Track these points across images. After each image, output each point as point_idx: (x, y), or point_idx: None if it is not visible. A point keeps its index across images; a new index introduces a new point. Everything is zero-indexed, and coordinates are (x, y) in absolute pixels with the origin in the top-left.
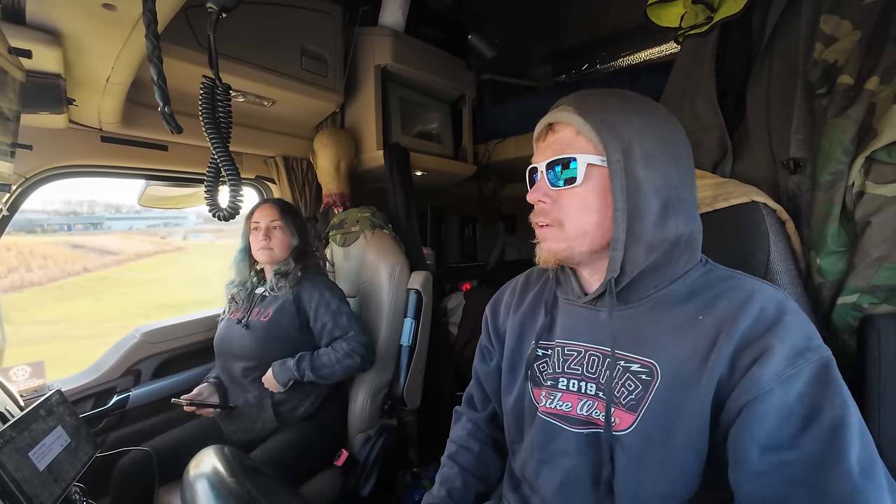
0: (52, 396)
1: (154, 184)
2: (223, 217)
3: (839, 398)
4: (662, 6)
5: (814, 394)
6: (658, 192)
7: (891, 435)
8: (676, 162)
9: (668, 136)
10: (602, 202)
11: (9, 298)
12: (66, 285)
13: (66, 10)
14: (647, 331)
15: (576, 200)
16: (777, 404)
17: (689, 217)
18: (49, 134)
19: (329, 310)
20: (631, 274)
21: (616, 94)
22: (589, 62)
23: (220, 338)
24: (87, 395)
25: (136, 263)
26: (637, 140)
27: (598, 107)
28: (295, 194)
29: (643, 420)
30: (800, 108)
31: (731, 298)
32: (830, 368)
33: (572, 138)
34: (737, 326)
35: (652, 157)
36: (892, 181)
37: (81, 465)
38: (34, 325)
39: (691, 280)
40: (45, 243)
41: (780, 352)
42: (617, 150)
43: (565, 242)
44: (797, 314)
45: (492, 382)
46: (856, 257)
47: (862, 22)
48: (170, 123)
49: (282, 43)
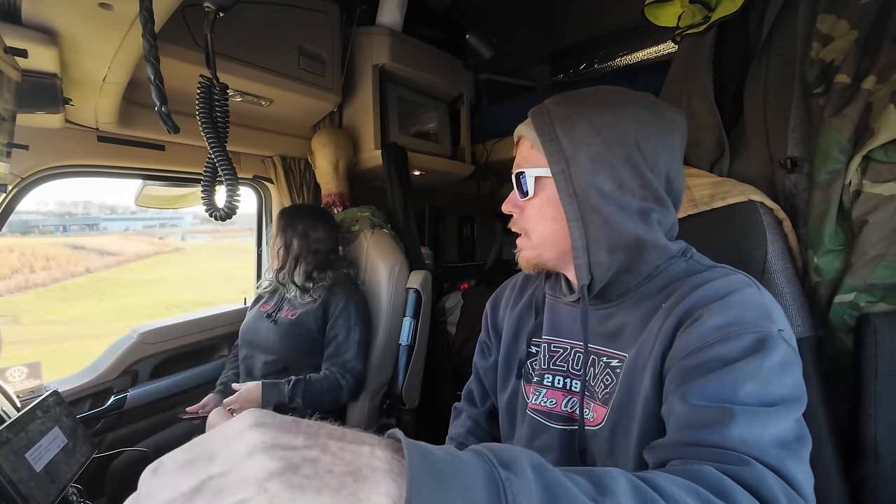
0: (49, 397)
1: (151, 184)
2: (220, 217)
3: (765, 365)
4: (660, 6)
5: (735, 356)
6: (608, 195)
7: (886, 432)
8: (632, 161)
9: (625, 136)
10: (556, 211)
11: (15, 299)
12: (69, 286)
13: (63, 9)
14: (624, 325)
15: (534, 211)
16: (697, 361)
17: (647, 220)
18: (45, 134)
19: (347, 325)
20: (602, 277)
21: (581, 97)
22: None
23: (247, 328)
24: (85, 396)
25: (136, 264)
26: (583, 146)
27: (550, 117)
28: (293, 194)
29: (611, 411)
30: (797, 108)
31: (692, 284)
32: (767, 343)
33: (528, 152)
34: (683, 303)
35: (600, 162)
36: (889, 180)
37: (79, 466)
38: (44, 325)
39: (670, 274)
40: (46, 244)
41: (710, 321)
42: (559, 162)
43: (534, 250)
44: (749, 297)
45: (490, 378)
46: (853, 256)
47: (859, 21)
48: (167, 123)
49: (279, 42)
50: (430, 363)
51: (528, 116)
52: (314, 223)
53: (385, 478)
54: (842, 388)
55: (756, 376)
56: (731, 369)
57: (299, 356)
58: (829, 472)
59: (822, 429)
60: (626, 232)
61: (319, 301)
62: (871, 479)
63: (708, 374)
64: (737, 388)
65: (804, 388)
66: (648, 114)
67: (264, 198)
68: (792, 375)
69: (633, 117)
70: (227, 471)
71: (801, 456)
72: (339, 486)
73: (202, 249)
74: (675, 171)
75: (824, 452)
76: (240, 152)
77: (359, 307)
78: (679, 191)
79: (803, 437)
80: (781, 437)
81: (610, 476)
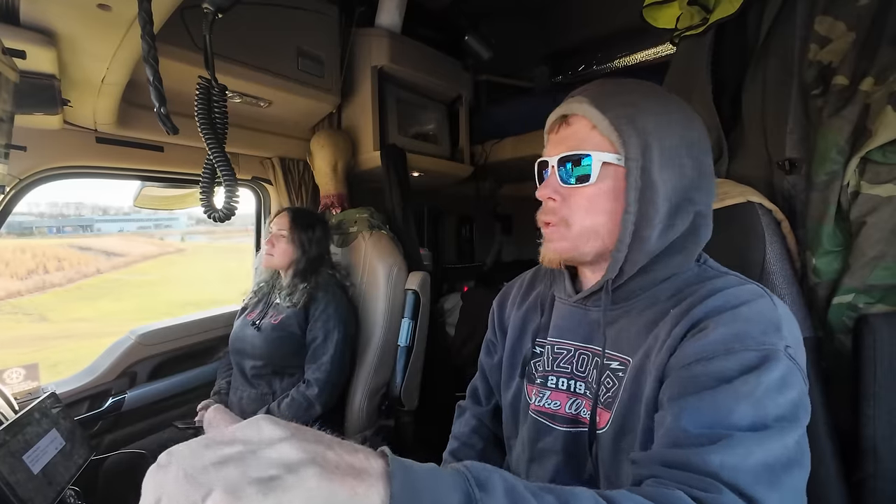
0: (47, 399)
1: (150, 185)
2: (218, 218)
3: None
4: (658, 7)
5: (732, 373)
6: (670, 195)
7: (885, 433)
8: (696, 163)
9: (690, 136)
10: (613, 203)
11: (36, 299)
12: (84, 286)
13: (61, 10)
14: (629, 329)
15: (586, 200)
16: (694, 373)
17: (694, 222)
18: (43, 135)
19: (325, 327)
20: (628, 274)
21: (638, 87)
22: (585, 63)
23: (235, 336)
24: (83, 398)
25: (142, 265)
26: (657, 139)
27: (618, 100)
28: (291, 195)
29: (616, 415)
30: (795, 109)
31: (703, 293)
32: (768, 361)
33: (587, 133)
34: (693, 312)
35: (671, 158)
36: (887, 181)
37: (76, 468)
38: (73, 322)
39: (681, 279)
40: (55, 245)
41: (715, 333)
42: (636, 149)
43: (570, 242)
44: (758, 310)
45: (495, 376)
46: (851, 257)
47: (856, 23)
48: (166, 124)
49: (278, 44)
50: (428, 364)
51: (583, 96)
52: (314, 225)
53: (378, 481)
54: (841, 390)
55: (750, 396)
56: (726, 388)
57: (284, 358)
58: (828, 473)
59: (821, 430)
60: (671, 236)
61: (301, 304)
62: (871, 481)
63: (703, 391)
64: (731, 410)
65: (807, 407)
66: (699, 123)
67: (263, 199)
68: (792, 394)
69: (697, 123)
70: (254, 451)
71: (780, 483)
72: (343, 480)
73: (203, 250)
74: (711, 180)
75: (824, 454)
76: (238, 153)
77: (339, 309)
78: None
79: (796, 460)
80: (769, 461)
81: (577, 496)
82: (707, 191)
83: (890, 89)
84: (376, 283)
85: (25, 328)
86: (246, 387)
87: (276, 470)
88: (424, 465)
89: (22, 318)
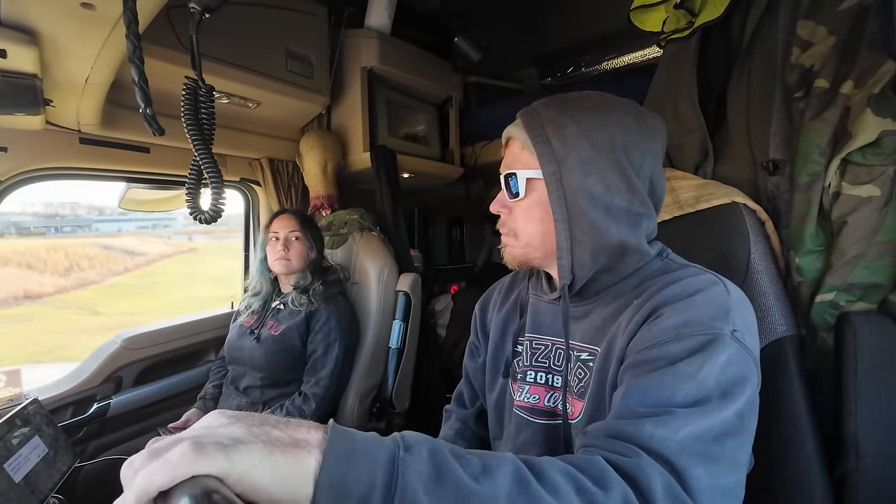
0: (29, 406)
1: (135, 187)
2: (205, 220)
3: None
4: (645, 11)
5: (679, 356)
6: (597, 199)
7: (867, 429)
8: (627, 166)
9: (613, 141)
10: (544, 213)
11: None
12: (117, 283)
13: (43, 9)
14: (597, 321)
15: (522, 212)
16: (646, 357)
17: (632, 224)
18: (25, 135)
19: (326, 340)
20: (583, 278)
21: (579, 101)
22: (574, 65)
23: (231, 344)
24: (66, 404)
25: (162, 263)
26: (574, 149)
27: (546, 118)
28: (281, 197)
29: (588, 404)
30: (778, 111)
31: (663, 283)
32: (714, 344)
33: (518, 153)
34: (652, 301)
35: (590, 165)
36: (867, 182)
37: (60, 476)
38: (122, 315)
39: (645, 273)
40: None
41: (668, 320)
42: (551, 164)
43: (521, 249)
44: (711, 297)
45: (479, 379)
46: (833, 256)
47: (837, 27)
48: (152, 125)
49: (266, 44)
50: (419, 366)
51: (518, 118)
52: (316, 225)
53: (316, 449)
54: (824, 386)
55: (693, 378)
56: (672, 370)
57: (285, 371)
58: (812, 468)
59: (804, 426)
60: (610, 236)
61: (303, 314)
62: (853, 475)
63: (652, 373)
64: (674, 390)
65: (753, 386)
66: (634, 120)
67: (252, 201)
68: (733, 371)
69: (621, 123)
70: (210, 432)
71: (709, 454)
72: (284, 449)
73: (215, 249)
74: (658, 177)
75: (807, 449)
76: (226, 155)
77: (341, 322)
78: (661, 195)
79: (734, 430)
80: (700, 433)
81: (500, 460)
82: (638, 191)
83: (869, 92)
84: (367, 285)
85: (85, 320)
86: (237, 395)
87: (230, 442)
88: (364, 433)
89: (78, 312)
